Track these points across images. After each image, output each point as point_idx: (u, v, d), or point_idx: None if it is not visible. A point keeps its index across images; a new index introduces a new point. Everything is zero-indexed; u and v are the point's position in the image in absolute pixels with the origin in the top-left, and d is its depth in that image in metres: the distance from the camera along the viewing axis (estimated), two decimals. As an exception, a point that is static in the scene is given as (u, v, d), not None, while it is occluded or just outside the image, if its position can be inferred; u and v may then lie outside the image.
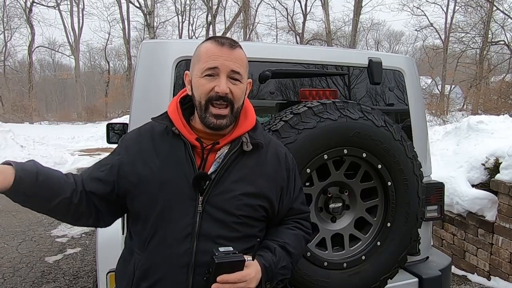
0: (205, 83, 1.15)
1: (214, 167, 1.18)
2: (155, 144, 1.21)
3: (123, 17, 26.60)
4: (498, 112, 10.72)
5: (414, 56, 29.10)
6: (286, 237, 1.27)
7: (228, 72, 1.15)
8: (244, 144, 1.21)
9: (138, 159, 1.20)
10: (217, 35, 1.32)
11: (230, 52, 1.17)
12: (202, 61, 1.16)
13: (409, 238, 1.81)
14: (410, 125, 2.13)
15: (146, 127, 1.28)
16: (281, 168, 1.27)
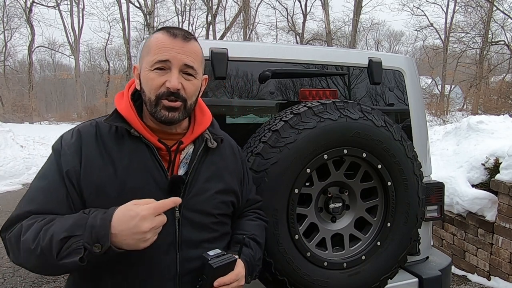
0: (154, 77, 1.06)
1: (184, 169, 1.13)
2: (107, 150, 1.07)
3: (123, 17, 26.60)
4: (498, 112, 10.72)
5: (414, 56, 29.11)
6: (252, 229, 1.29)
7: (180, 66, 1.07)
8: (207, 141, 1.18)
9: (91, 169, 1.04)
10: (170, 26, 1.20)
11: (183, 44, 1.07)
12: (152, 53, 1.07)
13: (409, 238, 1.81)
14: (410, 125, 2.13)
15: (88, 130, 1.11)
16: (237, 161, 1.30)
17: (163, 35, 1.08)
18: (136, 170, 1.06)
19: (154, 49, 1.07)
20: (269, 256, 1.55)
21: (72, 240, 0.91)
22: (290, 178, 1.56)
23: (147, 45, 1.10)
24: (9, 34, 27.80)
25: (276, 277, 1.58)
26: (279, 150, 1.54)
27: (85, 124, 1.14)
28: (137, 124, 1.09)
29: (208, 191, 1.14)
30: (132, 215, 0.93)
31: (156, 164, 1.08)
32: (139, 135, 1.08)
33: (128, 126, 1.08)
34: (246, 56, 1.84)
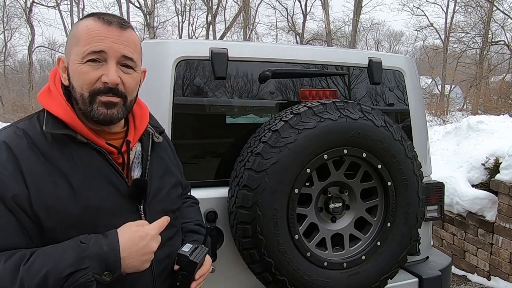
0: (88, 70, 0.92)
1: (138, 169, 1.05)
2: (53, 162, 0.92)
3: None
4: (498, 112, 10.71)
5: (414, 56, 29.10)
6: (194, 215, 1.31)
7: (118, 58, 0.94)
8: (153, 135, 1.11)
9: (40, 188, 0.89)
10: (99, 12, 1.01)
11: (120, 33, 0.95)
12: (82, 42, 0.92)
13: (409, 238, 1.81)
14: (410, 125, 2.13)
15: (18, 142, 0.92)
16: (172, 149, 1.27)
17: (95, 22, 0.94)
18: (93, 181, 0.94)
19: (85, 38, 0.93)
20: (269, 256, 1.55)
21: (79, 275, 0.82)
22: (290, 178, 1.56)
23: (76, 34, 0.95)
24: (9, 34, 27.80)
25: (276, 277, 1.58)
26: (279, 150, 1.54)
27: (8, 134, 0.94)
28: (83, 128, 0.95)
29: (164, 188, 1.10)
30: (142, 236, 0.91)
31: (113, 170, 0.98)
32: (87, 141, 0.96)
33: (73, 133, 0.94)
34: (246, 56, 1.84)
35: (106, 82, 0.93)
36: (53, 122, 0.94)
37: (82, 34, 0.94)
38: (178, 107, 1.72)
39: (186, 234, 1.22)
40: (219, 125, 1.87)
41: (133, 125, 1.09)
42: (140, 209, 1.02)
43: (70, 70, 0.96)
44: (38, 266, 0.83)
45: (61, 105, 0.96)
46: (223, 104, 1.86)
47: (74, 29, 0.98)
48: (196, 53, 1.76)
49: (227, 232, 1.73)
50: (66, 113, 0.95)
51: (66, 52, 0.98)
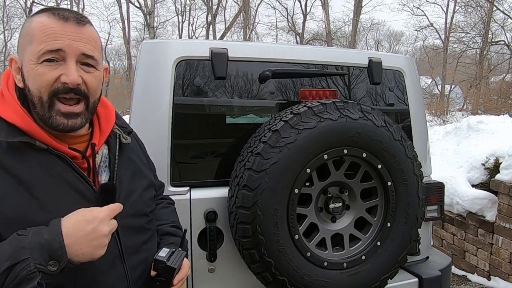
0: (45, 71, 0.86)
1: (106, 173, 1.01)
2: (11, 172, 0.85)
3: (123, 17, 26.58)
4: (498, 112, 10.70)
5: (414, 56, 29.09)
6: (170, 217, 1.27)
7: (77, 56, 0.89)
8: (120, 137, 1.06)
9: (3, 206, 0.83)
10: (53, 7, 0.94)
11: (78, 29, 0.89)
12: (37, 41, 0.86)
13: (409, 238, 1.81)
14: (410, 125, 2.13)
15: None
16: (142, 150, 1.22)
17: (49, 18, 0.87)
18: (57, 188, 0.89)
19: (40, 36, 0.86)
20: (269, 256, 1.55)
21: (19, 267, 0.75)
22: (290, 178, 1.56)
23: (29, 32, 0.88)
24: (9, 34, 27.82)
25: (276, 277, 1.58)
26: (279, 150, 1.54)
27: None
28: (41, 134, 0.89)
29: (135, 191, 1.05)
30: (89, 219, 0.83)
31: (77, 176, 0.92)
32: (47, 147, 0.89)
33: (31, 139, 0.88)
34: (246, 56, 1.84)
35: (66, 82, 0.87)
36: (8, 130, 0.88)
37: (36, 31, 0.87)
38: (178, 107, 1.72)
39: (162, 237, 1.17)
40: (219, 125, 1.87)
41: (98, 126, 1.04)
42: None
43: (25, 71, 0.89)
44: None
45: (16, 110, 0.89)
46: (223, 104, 1.86)
47: (26, 26, 0.90)
48: (196, 53, 1.76)
49: (227, 232, 1.73)
50: (22, 119, 0.88)
51: (19, 51, 0.91)
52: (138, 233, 1.04)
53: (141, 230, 1.06)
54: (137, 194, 1.06)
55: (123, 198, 1.00)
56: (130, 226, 1.01)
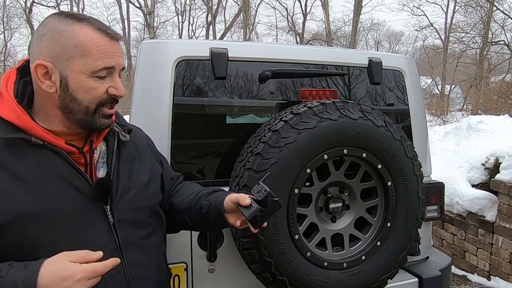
0: (96, 85, 0.95)
1: (104, 169, 1.04)
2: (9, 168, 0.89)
3: (123, 17, 26.59)
4: (498, 112, 10.70)
5: (414, 56, 29.09)
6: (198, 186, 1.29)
7: (120, 70, 1.00)
8: (119, 134, 1.09)
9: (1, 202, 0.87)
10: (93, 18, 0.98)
11: (120, 47, 0.99)
12: (92, 57, 0.92)
13: (409, 238, 1.81)
14: (410, 125, 2.13)
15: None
16: (149, 144, 1.25)
17: (98, 35, 0.94)
18: (52, 183, 0.92)
19: (96, 53, 0.93)
20: (269, 256, 1.55)
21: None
22: (290, 178, 1.56)
23: (78, 45, 0.92)
24: (9, 34, 27.84)
25: (276, 277, 1.58)
26: (279, 150, 1.54)
27: None
28: (37, 129, 0.92)
29: (133, 186, 1.07)
30: (64, 276, 0.82)
31: (73, 171, 0.95)
32: (43, 142, 0.92)
33: (26, 135, 0.91)
34: (246, 56, 1.84)
35: (116, 95, 0.98)
36: (5, 127, 0.91)
37: (90, 47, 0.93)
38: (178, 107, 1.72)
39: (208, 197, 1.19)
40: (219, 125, 1.87)
41: None
42: (106, 209, 0.99)
43: (72, 82, 0.93)
44: None
45: (12, 109, 0.93)
46: (223, 104, 1.86)
47: (68, 37, 0.92)
48: (196, 53, 1.76)
49: (227, 232, 1.73)
50: (18, 117, 0.92)
51: (61, 61, 0.93)
52: (137, 228, 1.05)
53: (141, 224, 1.07)
54: (135, 189, 1.07)
55: (120, 193, 1.03)
56: (127, 221, 1.03)
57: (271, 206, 1.06)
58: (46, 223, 0.90)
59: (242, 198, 1.06)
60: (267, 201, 1.06)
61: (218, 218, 1.13)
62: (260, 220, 1.06)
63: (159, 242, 1.15)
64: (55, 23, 0.94)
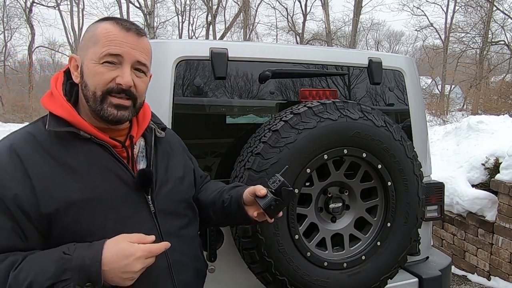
0: (104, 71, 0.98)
1: (143, 162, 1.11)
2: (61, 160, 0.97)
3: (123, 17, 26.58)
4: (498, 112, 10.70)
5: (414, 56, 29.08)
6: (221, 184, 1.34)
7: (133, 62, 1.01)
8: (155, 131, 1.17)
9: (51, 188, 0.93)
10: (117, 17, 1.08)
11: (137, 40, 1.02)
12: (100, 44, 0.98)
13: (409, 238, 1.81)
14: (410, 125, 2.13)
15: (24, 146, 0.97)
16: (180, 143, 1.33)
17: (114, 26, 1.00)
18: (99, 174, 0.99)
19: (104, 40, 0.99)
20: (269, 256, 1.55)
21: (59, 285, 0.86)
22: (290, 178, 1.56)
23: (94, 35, 1.01)
24: (9, 34, 27.79)
25: (276, 277, 1.58)
26: (279, 150, 1.54)
27: (14, 138, 0.99)
28: (85, 125, 1.00)
29: (170, 179, 1.14)
30: (126, 254, 0.91)
31: (118, 163, 1.02)
32: (90, 136, 1.00)
33: (76, 130, 0.99)
34: (246, 56, 1.84)
35: (120, 83, 1.00)
36: (56, 122, 0.99)
37: (101, 36, 0.99)
38: (178, 107, 1.72)
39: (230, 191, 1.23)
40: (219, 125, 1.87)
41: (136, 122, 1.14)
42: (148, 199, 1.05)
43: (85, 68, 1.00)
44: (24, 274, 0.87)
45: (62, 105, 1.01)
46: (223, 104, 1.86)
47: (92, 30, 1.02)
48: (196, 53, 1.76)
49: (227, 232, 1.73)
50: (67, 112, 1.00)
51: (81, 51, 1.03)
52: (175, 218, 1.12)
53: (178, 215, 1.14)
54: (172, 182, 1.14)
55: (158, 185, 1.09)
56: (166, 211, 1.09)
57: (285, 195, 1.09)
58: (95, 211, 0.97)
59: (259, 189, 1.10)
60: (281, 191, 1.09)
61: (239, 210, 1.17)
62: (274, 210, 1.09)
63: (195, 232, 1.21)
64: (91, 24, 1.05)
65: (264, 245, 1.54)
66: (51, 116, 1.01)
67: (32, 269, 0.87)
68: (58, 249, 0.91)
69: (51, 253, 0.91)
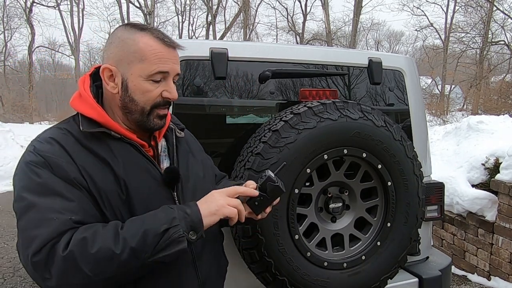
0: (152, 88, 1.05)
1: (167, 161, 1.17)
2: (98, 154, 1.03)
3: (123, 17, 26.57)
4: (498, 112, 10.71)
5: (414, 56, 29.08)
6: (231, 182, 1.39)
7: (174, 76, 1.10)
8: (175, 131, 1.22)
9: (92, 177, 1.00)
10: (154, 29, 1.10)
11: (176, 54, 1.09)
12: (148, 62, 1.03)
13: (409, 238, 1.81)
14: (410, 125, 2.13)
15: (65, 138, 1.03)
16: (197, 143, 1.37)
17: (157, 43, 1.05)
18: (133, 169, 1.05)
19: (152, 58, 1.03)
20: (269, 256, 1.55)
21: (172, 230, 0.95)
22: (290, 178, 1.56)
23: (138, 50, 1.04)
24: (9, 34, 27.80)
25: (276, 277, 1.58)
26: (279, 150, 1.54)
27: (54, 133, 1.05)
28: (116, 125, 1.07)
29: (191, 176, 1.19)
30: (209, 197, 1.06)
31: (147, 161, 1.08)
32: (120, 136, 1.06)
33: (107, 130, 1.05)
34: (246, 56, 1.84)
35: (169, 98, 1.08)
36: (88, 122, 1.04)
37: (148, 53, 1.03)
38: (178, 107, 1.72)
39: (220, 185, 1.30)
40: (219, 125, 1.87)
41: None
42: (174, 195, 1.11)
43: (131, 84, 1.05)
44: (136, 228, 0.94)
45: (93, 107, 1.06)
46: (223, 104, 1.86)
47: (131, 43, 1.04)
48: (196, 53, 1.76)
49: (227, 232, 1.73)
50: (98, 114, 1.05)
51: (120, 64, 1.05)
52: None
53: None
54: (193, 179, 1.19)
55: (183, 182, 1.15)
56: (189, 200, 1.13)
57: (270, 190, 1.08)
58: (131, 205, 1.02)
59: (248, 185, 1.15)
60: (267, 186, 1.08)
61: None
62: (259, 206, 1.09)
63: (216, 230, 1.26)
64: (122, 32, 1.07)
65: (264, 245, 1.54)
66: (83, 117, 1.06)
67: (143, 222, 0.95)
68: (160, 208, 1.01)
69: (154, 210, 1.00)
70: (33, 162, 0.98)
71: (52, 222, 0.92)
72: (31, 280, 3.72)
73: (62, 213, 0.93)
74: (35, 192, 0.95)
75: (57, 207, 0.94)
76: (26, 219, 0.94)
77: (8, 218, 5.84)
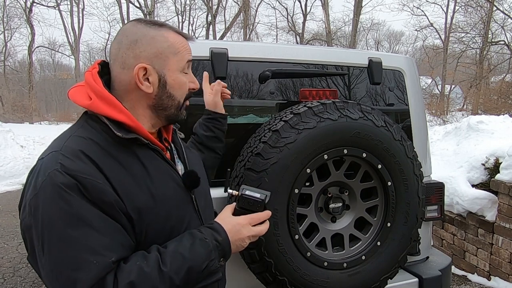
0: (185, 80, 1.05)
1: (180, 164, 1.17)
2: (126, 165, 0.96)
3: (123, 17, 26.57)
4: (498, 112, 10.71)
5: (414, 56, 29.09)
6: None
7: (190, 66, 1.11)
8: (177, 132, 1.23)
9: (126, 192, 0.93)
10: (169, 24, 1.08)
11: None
12: (181, 54, 1.03)
13: (409, 238, 1.81)
14: (410, 125, 2.13)
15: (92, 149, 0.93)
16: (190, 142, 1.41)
17: (178, 36, 1.04)
18: (160, 177, 1.02)
19: (182, 50, 1.03)
20: (269, 256, 1.55)
21: (210, 264, 0.98)
22: (290, 178, 1.56)
23: (171, 45, 1.02)
24: (9, 34, 27.77)
25: (276, 277, 1.58)
26: (279, 150, 1.54)
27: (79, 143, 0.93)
28: (145, 131, 1.00)
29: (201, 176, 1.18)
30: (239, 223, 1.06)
31: (168, 166, 1.06)
32: (147, 141, 1.01)
33: (138, 136, 0.99)
34: (246, 56, 1.84)
35: (195, 88, 1.08)
36: (117, 127, 0.96)
37: (178, 45, 1.03)
38: (178, 107, 1.72)
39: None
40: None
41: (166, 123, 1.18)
42: (193, 198, 1.11)
43: (170, 80, 1.02)
44: (178, 264, 0.93)
45: (122, 110, 0.97)
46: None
47: (162, 40, 1.01)
48: (196, 53, 1.75)
49: (227, 232, 1.73)
50: (128, 118, 0.97)
51: (158, 62, 1.00)
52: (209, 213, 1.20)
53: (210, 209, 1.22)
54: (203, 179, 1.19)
55: None
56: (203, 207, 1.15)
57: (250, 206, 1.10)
58: (161, 213, 0.99)
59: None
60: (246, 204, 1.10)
61: None
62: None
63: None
64: (145, 30, 1.00)
65: (264, 245, 1.54)
66: (111, 121, 0.96)
67: (183, 257, 0.95)
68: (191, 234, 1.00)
69: (190, 239, 0.99)
70: (62, 185, 0.85)
71: (92, 266, 0.84)
72: (31, 280, 3.72)
73: (101, 253, 0.85)
74: (67, 224, 0.85)
75: (94, 245, 0.85)
76: (59, 255, 0.85)
77: (8, 218, 5.84)
